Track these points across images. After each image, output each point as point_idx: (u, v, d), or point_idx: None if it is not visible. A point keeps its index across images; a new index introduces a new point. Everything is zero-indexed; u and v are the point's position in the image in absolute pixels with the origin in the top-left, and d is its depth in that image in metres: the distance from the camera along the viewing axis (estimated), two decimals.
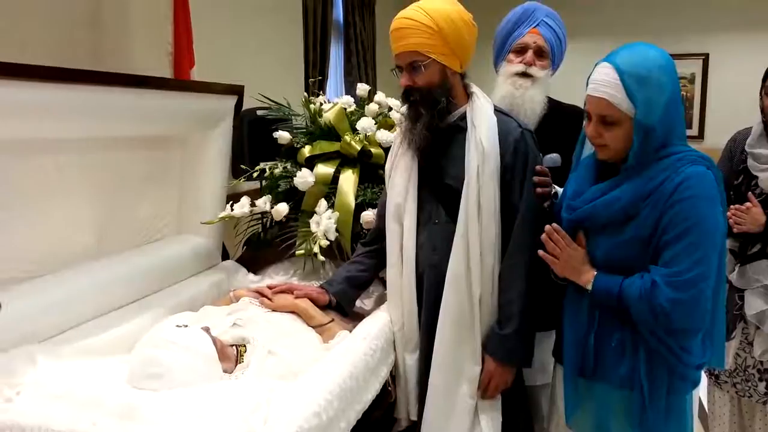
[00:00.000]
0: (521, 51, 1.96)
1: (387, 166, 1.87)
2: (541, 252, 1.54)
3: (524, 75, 1.93)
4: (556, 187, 1.76)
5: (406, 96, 1.73)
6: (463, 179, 1.68)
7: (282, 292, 1.91)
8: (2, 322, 1.43)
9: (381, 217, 1.91)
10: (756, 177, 2.10)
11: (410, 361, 1.81)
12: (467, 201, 1.67)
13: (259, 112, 2.52)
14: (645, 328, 1.43)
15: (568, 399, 1.61)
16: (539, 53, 1.95)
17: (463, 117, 1.73)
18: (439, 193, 1.76)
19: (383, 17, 5.36)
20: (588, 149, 1.61)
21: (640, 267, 1.44)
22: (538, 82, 1.94)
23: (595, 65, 1.46)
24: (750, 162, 2.12)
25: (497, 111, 1.75)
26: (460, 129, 1.72)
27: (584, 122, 1.52)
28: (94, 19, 2.38)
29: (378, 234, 1.93)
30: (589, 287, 1.48)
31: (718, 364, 1.62)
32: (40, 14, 2.14)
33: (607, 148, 1.46)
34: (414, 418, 1.82)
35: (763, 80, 2.08)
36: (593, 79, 1.44)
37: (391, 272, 1.83)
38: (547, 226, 1.53)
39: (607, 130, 1.43)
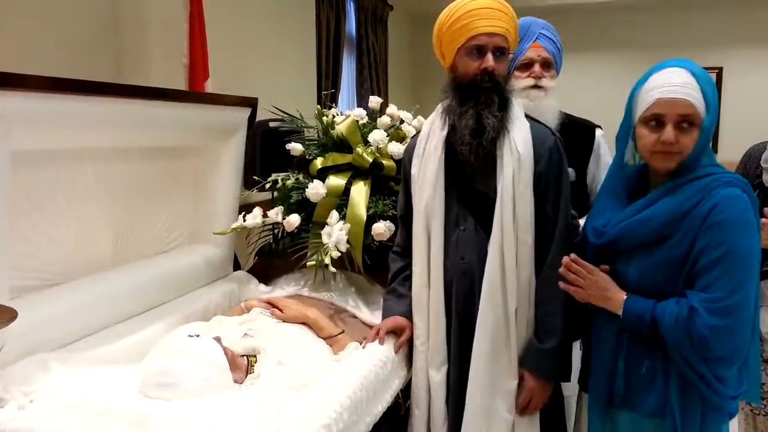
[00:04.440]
0: (527, 66, 1.96)
1: (413, 171, 1.75)
2: (562, 284, 1.49)
3: (535, 87, 1.94)
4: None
5: (483, 79, 1.60)
6: (495, 186, 1.62)
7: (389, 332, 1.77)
8: (17, 330, 1.44)
9: (408, 225, 1.80)
10: None
11: (437, 377, 1.71)
12: (502, 209, 1.61)
13: (271, 124, 2.54)
14: (679, 355, 1.37)
15: (593, 429, 1.57)
16: (546, 65, 1.96)
17: None
18: (468, 199, 1.69)
19: (395, 31, 5.40)
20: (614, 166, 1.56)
21: (671, 290, 1.39)
22: (551, 92, 1.95)
23: (655, 70, 1.42)
24: (765, 177, 2.10)
25: (527, 117, 1.69)
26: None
27: (639, 132, 1.43)
28: (112, 32, 2.42)
29: (408, 243, 1.81)
30: (620, 312, 1.43)
31: (752, 399, 1.55)
32: (60, 28, 2.18)
33: (677, 155, 1.39)
34: None
35: None
36: (666, 82, 1.38)
37: (416, 282, 1.74)
38: (565, 258, 1.48)
39: (683, 134, 1.37)
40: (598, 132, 2.08)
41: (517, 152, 1.61)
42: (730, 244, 1.33)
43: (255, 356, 1.65)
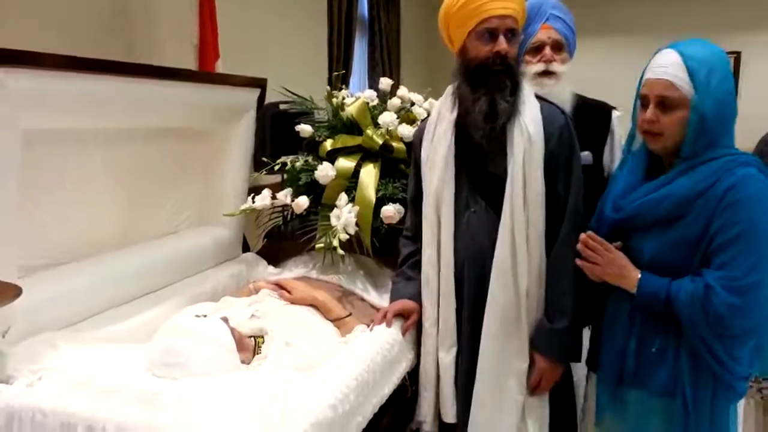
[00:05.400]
0: (538, 49, 1.90)
1: (423, 155, 1.75)
2: (579, 261, 1.51)
3: (546, 73, 1.89)
4: None
5: (495, 62, 1.58)
6: (506, 167, 1.61)
7: (396, 315, 1.77)
8: (26, 309, 1.45)
9: (418, 208, 1.79)
10: None
11: (447, 359, 1.71)
12: (512, 189, 1.60)
13: (281, 106, 2.53)
14: (694, 333, 1.38)
15: (602, 407, 1.57)
16: (557, 47, 1.90)
17: None
18: (478, 180, 1.69)
19: (408, 13, 5.34)
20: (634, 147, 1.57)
21: (685, 269, 1.40)
22: (563, 77, 1.90)
23: (655, 53, 1.45)
24: None
25: (537, 97, 1.68)
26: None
27: (638, 112, 1.47)
28: (122, 12, 2.41)
29: (418, 227, 1.80)
30: (634, 290, 1.44)
31: (766, 372, 1.56)
32: (69, 6, 2.17)
33: (661, 137, 1.42)
34: (452, 420, 1.73)
35: None
36: (655, 63, 1.42)
37: (426, 265, 1.74)
38: (583, 235, 1.49)
39: (664, 115, 1.39)
40: (615, 113, 2.04)
41: (527, 133, 1.60)
42: (747, 223, 1.34)
43: (262, 337, 1.65)
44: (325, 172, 2.15)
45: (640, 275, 1.43)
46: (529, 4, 1.91)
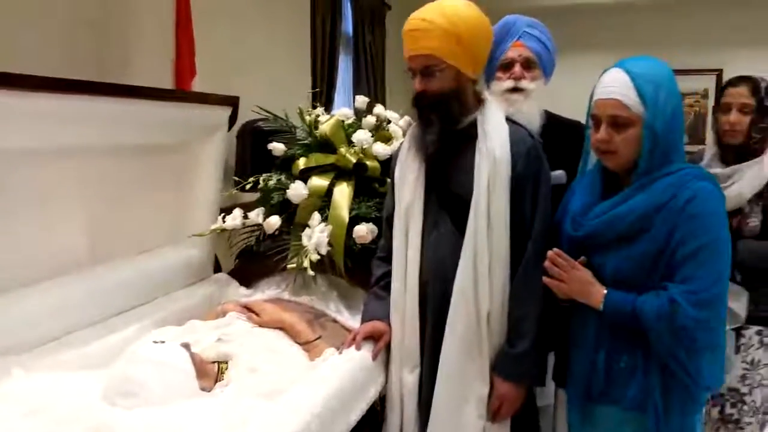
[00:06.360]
0: (508, 66, 1.91)
1: (396, 174, 1.77)
2: (546, 279, 1.51)
3: (515, 90, 1.89)
4: None
5: (418, 101, 1.66)
6: (472, 188, 1.62)
7: (367, 338, 1.74)
8: None
9: (389, 227, 1.81)
10: None
11: (410, 379, 1.70)
12: (476, 212, 1.60)
13: (262, 124, 2.50)
14: (661, 347, 1.40)
15: (572, 424, 1.57)
16: (527, 65, 1.91)
17: (474, 124, 1.65)
18: (445, 202, 1.70)
19: (393, 30, 5.36)
20: (590, 164, 1.60)
21: (648, 283, 1.41)
22: (531, 94, 1.90)
23: (603, 72, 1.47)
24: None
25: (508, 120, 1.68)
26: (469, 136, 1.65)
27: (590, 131, 1.50)
28: (99, 29, 2.37)
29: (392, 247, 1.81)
30: (601, 307, 1.44)
31: (716, 383, 1.54)
32: (44, 24, 2.14)
33: (615, 155, 1.44)
34: None
35: (718, 99, 2.04)
36: (604, 83, 1.44)
37: (395, 283, 1.74)
38: (550, 252, 1.49)
39: (617, 133, 1.42)
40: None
41: (493, 155, 1.60)
42: (709, 236, 1.36)
43: (226, 362, 1.60)
44: (297, 191, 2.12)
45: (605, 292, 1.44)
46: (502, 21, 1.93)
